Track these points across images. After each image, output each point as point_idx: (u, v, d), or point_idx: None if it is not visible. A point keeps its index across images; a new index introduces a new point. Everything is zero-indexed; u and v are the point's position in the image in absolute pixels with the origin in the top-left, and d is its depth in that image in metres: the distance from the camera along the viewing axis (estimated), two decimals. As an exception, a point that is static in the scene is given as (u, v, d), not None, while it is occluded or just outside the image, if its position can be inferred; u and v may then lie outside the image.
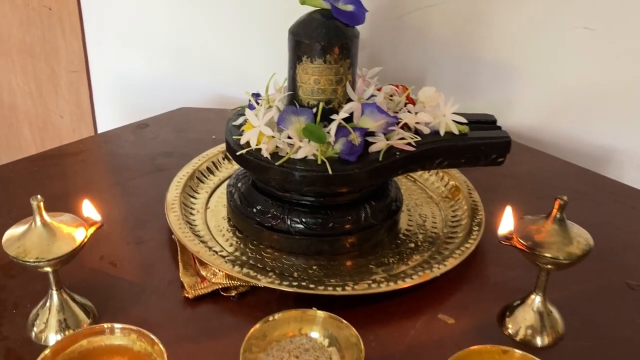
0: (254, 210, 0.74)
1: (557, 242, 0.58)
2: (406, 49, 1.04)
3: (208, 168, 0.87)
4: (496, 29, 1.00)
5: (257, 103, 0.76)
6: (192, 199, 0.82)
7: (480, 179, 0.87)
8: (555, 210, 0.59)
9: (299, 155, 0.68)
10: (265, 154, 0.69)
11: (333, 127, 0.68)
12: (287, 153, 0.69)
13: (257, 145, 0.69)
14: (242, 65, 1.16)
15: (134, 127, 1.01)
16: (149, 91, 1.29)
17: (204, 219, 0.78)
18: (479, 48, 1.02)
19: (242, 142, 0.71)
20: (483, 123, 0.79)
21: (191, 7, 1.15)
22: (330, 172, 0.67)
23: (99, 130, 1.51)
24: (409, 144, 0.71)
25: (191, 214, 0.79)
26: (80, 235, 0.57)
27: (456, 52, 1.03)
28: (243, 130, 0.72)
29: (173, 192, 0.80)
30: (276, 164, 0.68)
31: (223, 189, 0.84)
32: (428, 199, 0.85)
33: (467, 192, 0.83)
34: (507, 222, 0.60)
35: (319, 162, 0.68)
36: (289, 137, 0.69)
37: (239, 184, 0.78)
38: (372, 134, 0.71)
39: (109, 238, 0.75)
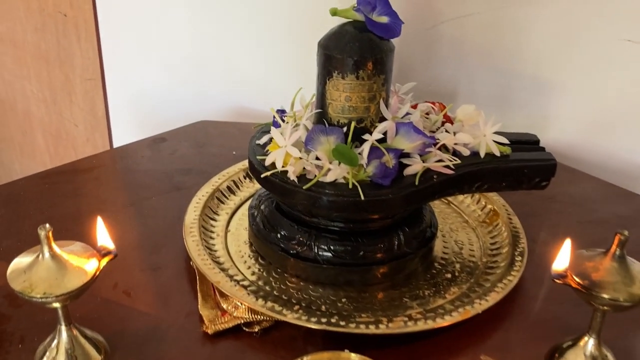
0: (278, 235, 0.70)
1: (617, 281, 0.53)
2: (439, 61, 0.99)
3: (229, 187, 0.83)
4: (534, 41, 0.95)
5: (283, 120, 0.71)
6: (211, 222, 0.77)
7: (518, 202, 0.82)
8: (614, 247, 0.54)
9: (328, 178, 0.64)
10: (292, 176, 0.64)
11: (365, 148, 0.64)
12: (316, 176, 0.64)
13: (283, 167, 0.65)
14: (265, 77, 1.12)
15: (151, 141, 0.97)
16: (167, 102, 1.25)
17: (224, 244, 0.74)
18: (515, 60, 0.97)
19: (267, 163, 0.67)
20: (525, 143, 0.74)
21: (213, 16, 1.11)
22: (362, 197, 0.62)
23: (114, 141, 1.48)
24: (447, 166, 0.66)
25: (211, 237, 0.74)
26: (91, 267, 0.53)
27: (491, 64, 0.98)
28: (268, 150, 0.68)
29: (192, 215, 0.75)
30: (303, 187, 0.63)
31: (244, 210, 0.80)
32: (464, 223, 0.80)
33: (507, 217, 0.78)
34: (563, 258, 0.55)
35: (350, 186, 0.63)
36: (318, 159, 0.64)
37: (262, 206, 0.73)
38: (407, 155, 0.66)
39: (123, 264, 0.70)
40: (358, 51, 0.63)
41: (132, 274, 0.70)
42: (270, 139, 0.68)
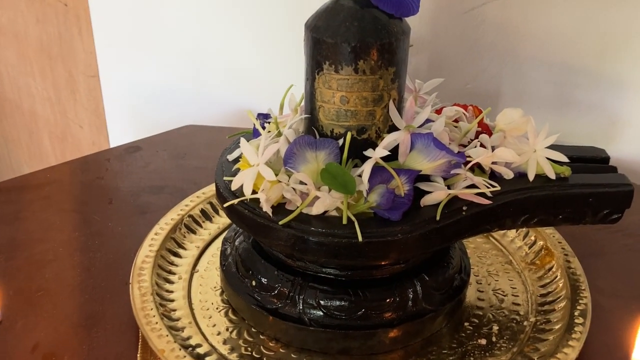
0: (253, 283, 0.54)
1: None
2: (479, 52, 0.82)
3: (204, 212, 0.67)
4: (600, 27, 0.77)
5: (264, 128, 0.55)
6: (175, 259, 0.61)
7: (578, 235, 0.65)
8: None
9: (315, 210, 0.48)
10: (265, 207, 0.48)
11: (367, 169, 0.47)
12: (298, 207, 0.48)
13: (254, 193, 0.49)
14: (271, 76, 0.96)
15: (122, 150, 0.82)
16: (164, 101, 1.11)
17: (187, 290, 0.58)
18: (576, 52, 0.80)
19: (234, 187, 0.50)
20: (590, 161, 0.57)
21: (214, 10, 0.96)
22: (360, 238, 0.46)
23: (112, 144, 1.36)
24: (482, 194, 0.49)
25: (169, 282, 0.59)
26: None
27: (546, 56, 0.80)
28: (238, 169, 0.52)
29: (146, 250, 0.60)
30: (280, 223, 0.47)
31: (220, 242, 0.64)
32: (506, 265, 0.62)
33: (564, 258, 0.61)
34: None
35: (344, 221, 0.47)
36: (302, 183, 0.48)
37: (237, 241, 0.57)
38: (426, 179, 0.50)
39: (50, 316, 0.55)
40: (357, 34, 0.47)
41: (59, 331, 0.54)
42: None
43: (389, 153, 0.47)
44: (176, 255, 0.62)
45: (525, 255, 0.63)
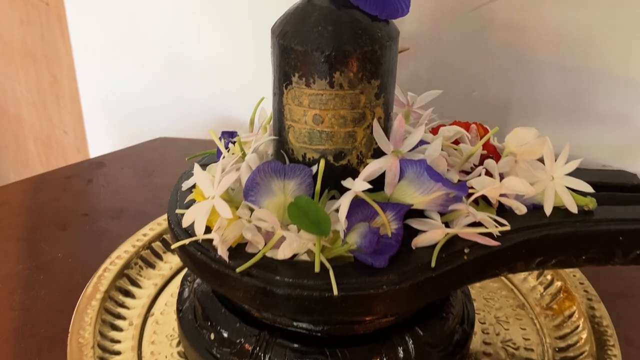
0: (212, 335, 0.45)
1: None
2: (486, 55, 0.73)
3: (165, 241, 0.59)
4: (625, 27, 0.68)
5: (227, 149, 0.47)
6: (126, 299, 0.53)
7: (602, 274, 0.56)
8: None
9: (281, 254, 0.39)
10: (221, 249, 0.40)
11: (344, 204, 0.39)
12: (261, 249, 0.40)
13: (209, 231, 0.40)
14: (255, 82, 0.87)
15: (84, 166, 0.74)
16: (145, 108, 1.04)
17: (138, 340, 0.50)
18: (597, 55, 0.70)
19: (185, 223, 0.42)
20: (619, 189, 0.48)
21: (195, 9, 0.88)
22: (335, 291, 0.37)
23: (91, 153, 1.30)
24: (488, 234, 0.41)
25: (117, 329, 0.50)
26: None
27: (562, 60, 0.72)
28: (193, 200, 0.43)
29: (92, 291, 0.52)
30: (237, 270, 0.39)
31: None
32: (519, 309, 0.54)
33: (586, 302, 0.52)
34: None
35: (317, 268, 0.38)
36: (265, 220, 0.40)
37: (197, 282, 0.49)
38: (419, 214, 0.42)
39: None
40: (332, 40, 0.39)
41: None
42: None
43: (369, 186, 0.39)
44: (129, 295, 0.54)
45: (541, 297, 0.54)
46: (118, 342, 0.49)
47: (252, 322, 0.45)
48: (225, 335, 0.45)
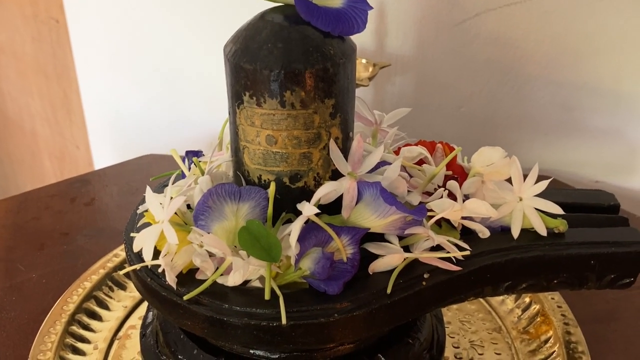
0: (171, 362, 0.43)
1: None
2: (474, 70, 0.71)
3: (139, 262, 0.57)
4: (617, 41, 0.65)
5: (189, 169, 0.46)
6: (93, 322, 0.51)
7: (584, 294, 0.53)
8: None
9: (231, 280, 0.38)
10: (169, 276, 0.38)
11: (295, 228, 0.37)
12: (210, 276, 0.38)
13: (156, 258, 0.39)
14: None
15: (69, 184, 0.72)
16: (146, 123, 1.03)
17: (101, 365, 0.48)
18: (585, 71, 0.68)
19: (136, 248, 0.40)
20: (593, 209, 0.46)
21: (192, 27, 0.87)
22: (283, 320, 0.35)
23: (96, 167, 1.30)
24: (448, 259, 0.38)
25: (80, 352, 0.48)
26: None
27: (552, 75, 0.69)
28: (147, 223, 0.42)
29: (57, 314, 0.50)
30: (185, 297, 0.37)
31: (153, 301, 0.54)
32: (494, 332, 0.51)
33: (563, 326, 0.49)
34: None
35: (267, 296, 0.36)
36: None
37: (161, 306, 0.47)
38: (377, 238, 0.39)
39: None
40: (281, 58, 0.37)
41: None
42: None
43: (318, 211, 0.37)
44: (95, 317, 0.52)
45: (518, 320, 0.52)
46: (79, 368, 0.48)
47: (210, 349, 0.43)
48: (183, 361, 0.43)
